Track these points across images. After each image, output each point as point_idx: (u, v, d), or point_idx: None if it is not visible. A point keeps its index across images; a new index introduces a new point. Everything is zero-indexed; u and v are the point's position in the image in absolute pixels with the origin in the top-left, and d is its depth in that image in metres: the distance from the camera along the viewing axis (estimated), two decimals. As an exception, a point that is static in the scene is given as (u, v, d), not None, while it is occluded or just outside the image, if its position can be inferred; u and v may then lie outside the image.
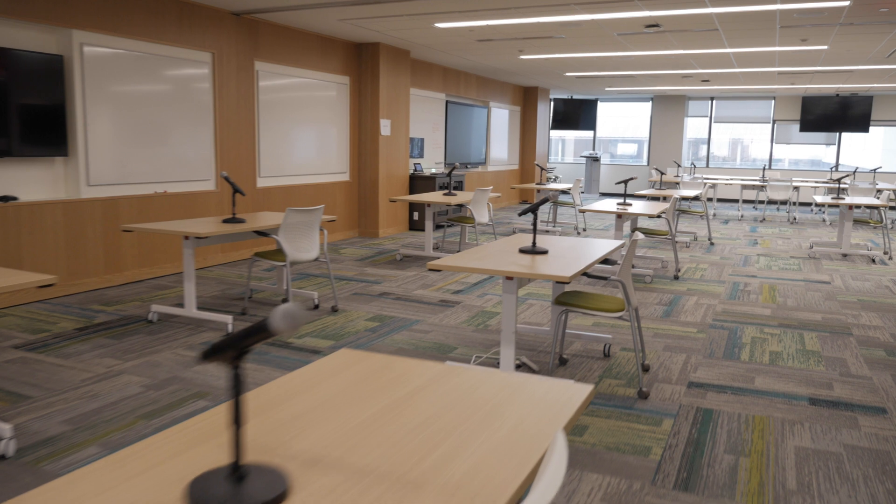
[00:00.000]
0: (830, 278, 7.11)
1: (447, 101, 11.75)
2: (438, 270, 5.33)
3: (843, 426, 3.30)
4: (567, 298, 3.78)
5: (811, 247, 9.32)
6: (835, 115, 15.50)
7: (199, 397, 3.53)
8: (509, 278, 3.52)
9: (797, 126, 16.15)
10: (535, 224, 3.88)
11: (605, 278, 3.62)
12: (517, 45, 9.00)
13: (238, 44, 7.22)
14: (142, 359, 4.11)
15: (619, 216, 6.79)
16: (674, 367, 4.13)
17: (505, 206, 14.57)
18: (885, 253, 8.90)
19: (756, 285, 6.68)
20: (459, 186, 11.13)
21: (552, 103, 17.31)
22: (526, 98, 15.23)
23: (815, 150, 17.51)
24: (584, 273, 3.60)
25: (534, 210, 3.79)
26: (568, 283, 3.67)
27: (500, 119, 14.18)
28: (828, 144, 16.63)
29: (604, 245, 4.22)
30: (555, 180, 17.21)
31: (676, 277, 6.96)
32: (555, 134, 19.95)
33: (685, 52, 9.25)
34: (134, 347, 4.33)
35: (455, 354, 4.33)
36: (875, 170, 13.22)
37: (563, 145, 21.05)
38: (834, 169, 14.72)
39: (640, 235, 3.89)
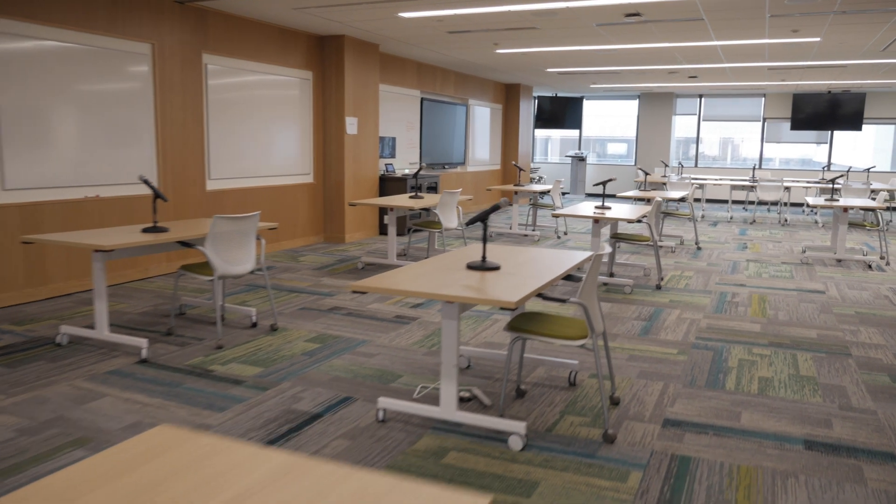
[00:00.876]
0: (825, 287, 6.58)
1: (422, 99, 11.19)
2: (363, 293, 4.74)
3: (846, 479, 2.75)
4: (522, 323, 3.22)
5: (804, 251, 8.80)
6: (827, 112, 15.02)
7: (79, 445, 2.95)
8: (449, 302, 2.96)
9: (788, 124, 15.66)
10: (484, 236, 3.32)
11: (562, 300, 3.06)
12: (491, 37, 8.44)
13: (183, 35, 6.63)
14: (30, 393, 3.53)
15: (597, 221, 6.24)
16: (648, 400, 3.58)
17: (485, 207, 13.99)
18: (882, 258, 8.39)
19: (745, 296, 6.14)
20: (434, 188, 10.57)
21: (536, 101, 16.77)
22: (508, 96, 14.68)
23: (805, 150, 17.04)
24: (540, 294, 3.05)
25: (482, 219, 3.23)
26: (513, 309, 3.11)
27: (481, 117, 13.63)
28: (818, 143, 16.16)
29: (569, 258, 3.67)
30: (538, 181, 16.66)
31: (659, 287, 6.41)
32: (541, 133, 19.42)
33: (670, 44, 8.71)
34: (27, 378, 3.74)
35: (398, 385, 3.77)
36: (868, 169, 12.73)
37: (549, 145, 20.53)
38: (826, 168, 14.23)
39: (607, 249, 3.34)
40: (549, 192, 9.60)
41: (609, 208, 6.65)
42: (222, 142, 7.23)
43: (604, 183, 6.60)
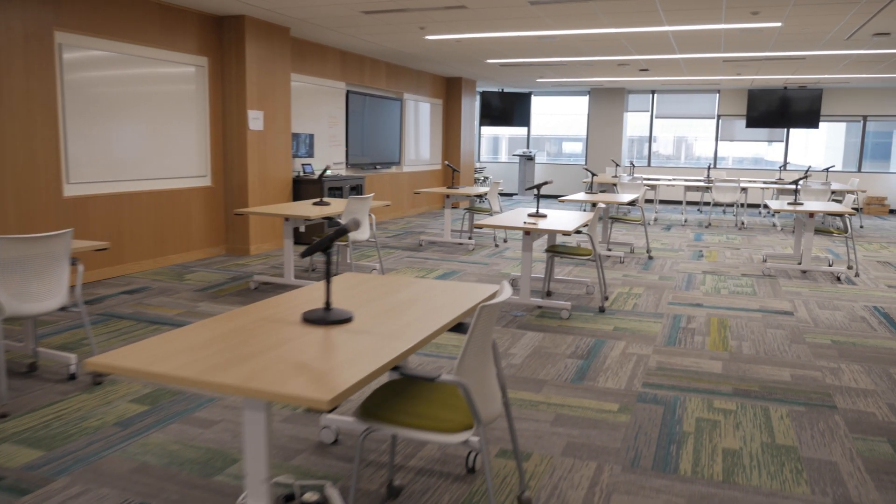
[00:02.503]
0: (792, 306, 5.69)
1: (348, 92, 10.07)
2: (104, 375, 3.63)
3: None
4: (375, 404, 2.16)
5: (764, 260, 7.95)
6: (783, 109, 14.35)
7: None
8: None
9: (743, 122, 14.97)
10: (328, 273, 2.26)
11: (430, 379, 2.00)
12: (415, 19, 7.38)
13: (25, 8, 5.41)
14: None
15: (527, 233, 5.23)
16: (572, 497, 2.55)
17: (426, 210, 12.96)
18: (850, 267, 7.57)
19: (702, 319, 5.19)
20: (359, 191, 9.46)
21: (480, 96, 15.78)
22: (449, 90, 13.64)
23: (757, 148, 16.40)
24: (396, 368, 2.00)
25: (324, 248, 2.18)
26: (329, 412, 2.06)
27: (419, 113, 12.57)
28: (770, 142, 15.51)
29: (468, 295, 2.63)
30: (484, 181, 15.68)
31: (602, 310, 5.43)
32: (490, 131, 18.47)
33: (618, 30, 7.77)
34: None
35: (223, 478, 2.67)
36: (828, 169, 12.04)
37: (498, 143, 19.59)
38: (783, 168, 13.55)
39: (506, 292, 2.32)
40: (485, 195, 8.59)
41: (544, 216, 5.65)
42: (87, 138, 6.02)
43: (537, 186, 5.59)
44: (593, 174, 8.65)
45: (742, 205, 13.90)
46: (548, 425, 3.19)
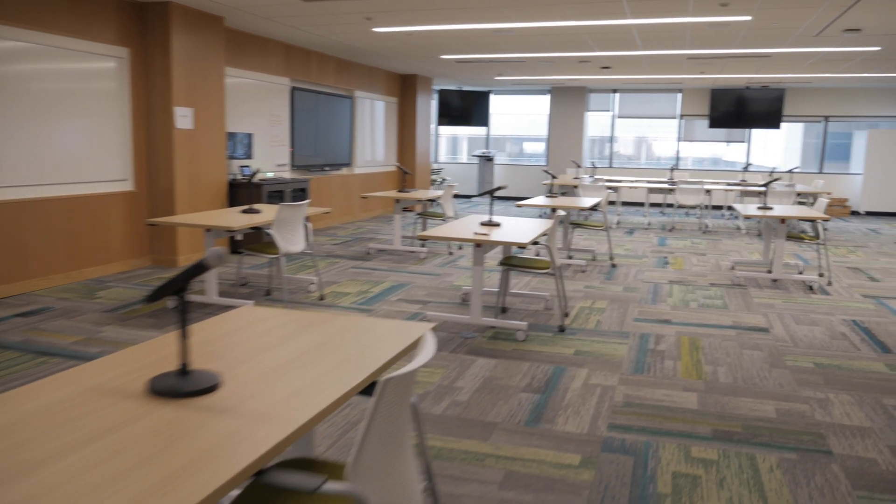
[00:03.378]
0: (767, 321, 5.23)
1: (293, 88, 9.41)
2: None
3: None
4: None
5: (732, 267, 7.53)
6: (745, 109, 14.07)
7: None
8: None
9: (705, 122, 14.66)
10: (183, 323, 1.66)
11: (309, 490, 1.40)
12: (359, 8, 6.77)
13: None
14: None
15: (478, 245, 4.67)
16: None
17: (379, 214, 12.34)
18: (822, 275, 7.19)
19: (671, 340, 4.70)
20: (302, 196, 8.81)
21: (438, 95, 15.20)
22: (404, 88, 13.04)
23: (716, 149, 16.15)
24: (258, 473, 1.41)
25: (177, 289, 1.58)
26: None
27: (373, 112, 11.94)
28: (729, 142, 15.24)
29: (394, 337, 2.04)
30: (441, 183, 15.11)
31: (562, 329, 4.90)
32: (448, 131, 17.93)
33: (579, 23, 7.27)
34: None
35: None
36: (792, 170, 11.75)
37: (458, 144, 19.06)
38: (745, 169, 13.25)
39: (426, 352, 1.74)
40: (438, 199, 8.02)
41: (497, 225, 5.09)
42: (-21, 137, 5.28)
43: (491, 192, 5.03)
44: (553, 176, 8.13)
45: (706, 206, 13.57)
46: (495, 488, 2.62)
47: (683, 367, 4.13)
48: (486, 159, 15.44)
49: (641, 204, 14.90)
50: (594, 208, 7.39)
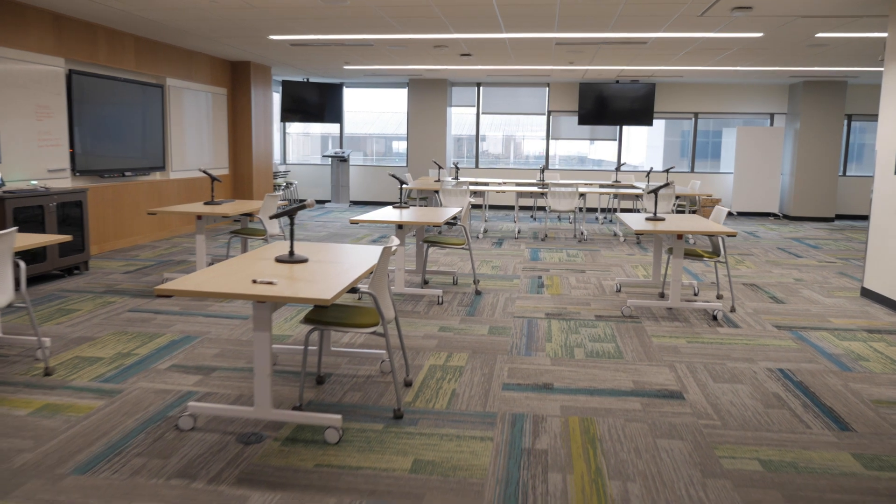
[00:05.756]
0: (677, 379, 3.90)
1: (71, 72, 7.29)
2: None
3: None
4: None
5: (618, 290, 6.28)
6: (615, 105, 13.18)
7: None
8: None
9: (572, 118, 13.66)
10: None
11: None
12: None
13: None
14: None
15: (262, 301, 2.98)
16: None
17: (211, 227, 10.33)
18: (720, 297, 6.06)
19: (555, 426, 3.23)
20: (75, 214, 6.72)
21: (282, 87, 13.29)
22: (235, 77, 11.06)
23: (580, 146, 15.26)
24: None
25: None
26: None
27: (196, 104, 9.91)
28: (592, 140, 14.36)
29: None
30: (286, 188, 13.22)
31: (398, 416, 3.32)
32: (302, 129, 16.02)
33: (424, -11, 5.74)
34: None
35: None
36: (668, 170, 10.87)
37: (312, 142, 17.16)
38: (618, 169, 12.31)
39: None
40: (255, 214, 6.24)
41: (302, 261, 3.42)
42: None
43: (289, 212, 3.35)
44: (402, 182, 6.55)
45: (581, 209, 12.52)
46: None
47: (577, 487, 2.65)
48: (340, 160, 13.70)
49: (511, 207, 13.69)
50: (452, 222, 5.88)
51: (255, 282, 2.92)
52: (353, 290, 3.11)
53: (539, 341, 4.60)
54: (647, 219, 5.77)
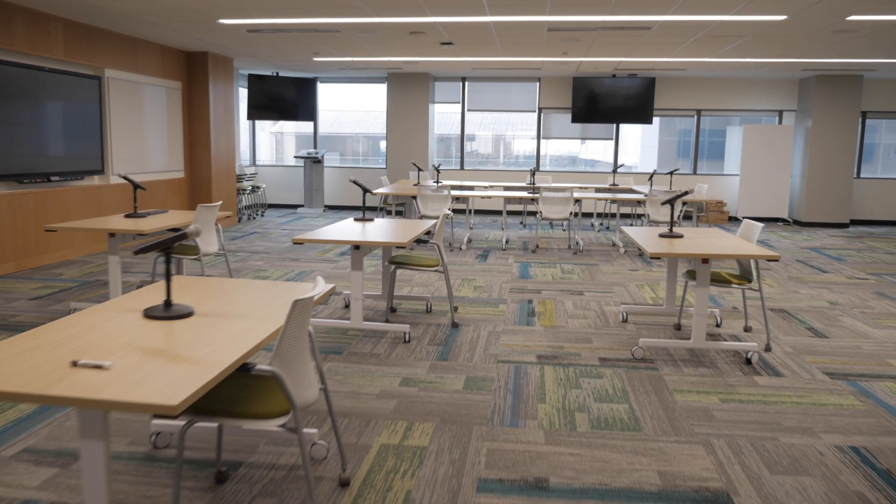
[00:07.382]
0: (717, 466, 2.85)
1: (-23, 59, 6.17)
2: None
3: None
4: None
5: (624, 318, 5.23)
6: (612, 102, 12.13)
7: None
8: None
9: (564, 116, 12.61)
10: None
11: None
12: None
13: None
14: None
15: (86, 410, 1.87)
16: None
17: (96, 252, 9.20)
18: (747, 329, 5.01)
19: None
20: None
21: (248, 81, 12.17)
22: (191, 69, 9.94)
23: (571, 146, 14.22)
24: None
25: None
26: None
27: (143, 99, 8.78)
28: (583, 139, 13.31)
29: None
30: (251, 192, 12.09)
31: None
32: (274, 127, 14.92)
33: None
34: None
35: None
36: (672, 172, 9.83)
37: (285, 142, 16.07)
38: (615, 171, 11.26)
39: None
40: (185, 229, 5.14)
41: (185, 316, 2.33)
42: None
43: (160, 247, 2.28)
44: (365, 189, 5.46)
45: (576, 214, 11.45)
46: None
47: None
48: (314, 161, 12.59)
49: (499, 213, 12.62)
50: (424, 239, 4.82)
51: (75, 364, 1.83)
52: (243, 367, 2.04)
53: (529, 401, 3.53)
54: (662, 235, 4.71)
